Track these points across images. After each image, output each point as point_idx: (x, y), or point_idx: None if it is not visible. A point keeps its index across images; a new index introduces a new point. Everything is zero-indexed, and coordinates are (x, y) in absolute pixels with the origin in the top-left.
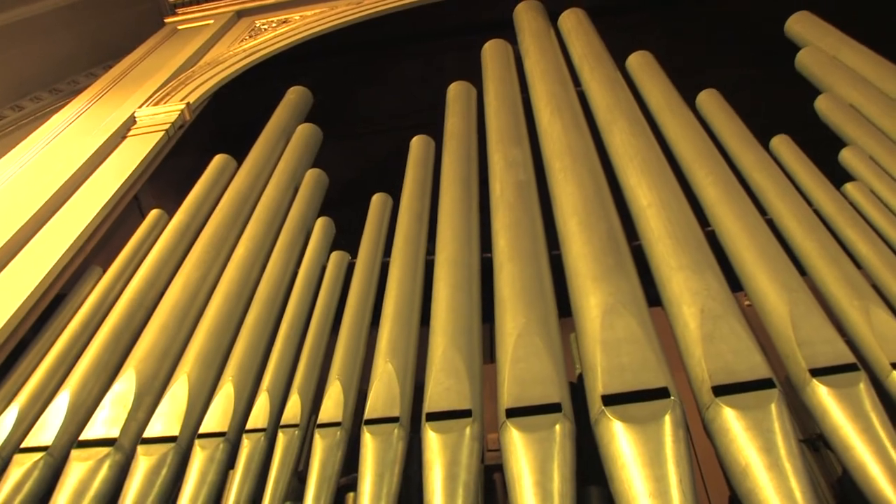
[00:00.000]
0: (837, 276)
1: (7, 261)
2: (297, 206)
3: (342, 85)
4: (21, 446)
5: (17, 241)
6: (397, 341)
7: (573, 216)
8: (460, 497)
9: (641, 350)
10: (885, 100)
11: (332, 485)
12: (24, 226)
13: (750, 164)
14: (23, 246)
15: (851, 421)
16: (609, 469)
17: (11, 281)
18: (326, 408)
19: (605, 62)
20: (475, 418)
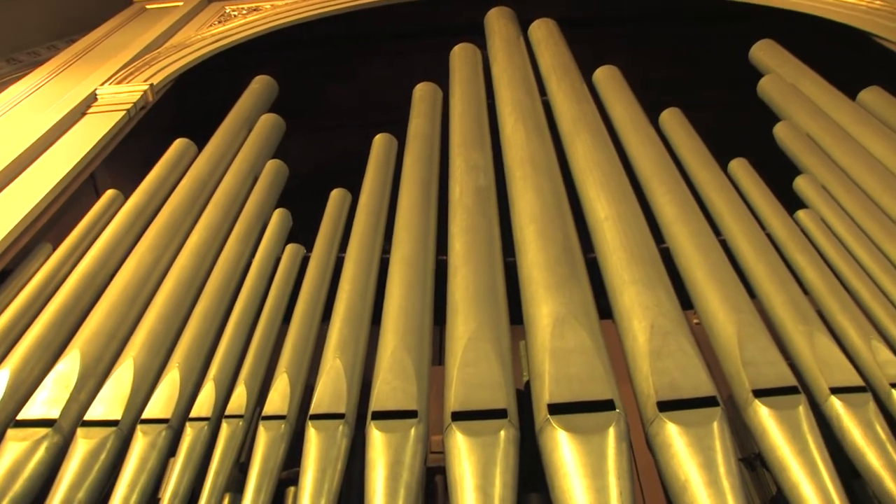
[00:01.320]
0: (785, 300)
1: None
2: (255, 196)
3: (309, 78)
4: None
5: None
6: (347, 338)
7: (530, 224)
8: (401, 497)
9: (590, 361)
10: (839, 131)
11: (274, 478)
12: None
13: (708, 185)
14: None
15: (789, 442)
16: (551, 477)
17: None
18: (272, 400)
19: (572, 74)
20: (421, 419)
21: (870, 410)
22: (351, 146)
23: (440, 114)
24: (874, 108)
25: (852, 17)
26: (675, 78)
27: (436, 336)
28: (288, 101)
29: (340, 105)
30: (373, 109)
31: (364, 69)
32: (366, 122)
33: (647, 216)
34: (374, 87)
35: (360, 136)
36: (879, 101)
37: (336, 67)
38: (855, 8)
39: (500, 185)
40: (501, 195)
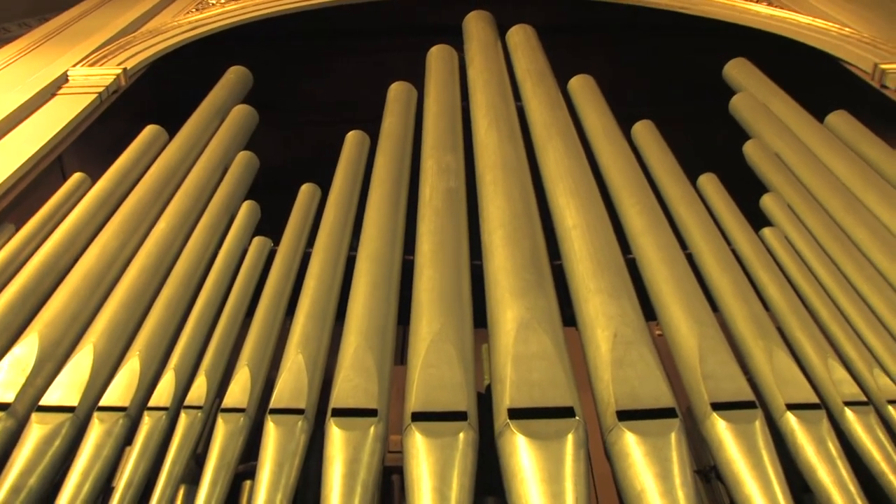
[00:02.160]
0: (747, 315)
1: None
2: (224, 187)
3: (285, 71)
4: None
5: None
6: (311, 333)
7: (499, 229)
8: (358, 495)
9: (552, 368)
10: (806, 152)
11: (231, 471)
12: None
13: (676, 198)
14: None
15: (744, 456)
16: (508, 482)
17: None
18: (232, 393)
19: (548, 81)
20: (380, 418)
21: (823, 427)
22: (323, 141)
23: (414, 114)
24: (840, 132)
25: (823, 41)
26: (649, 90)
27: (399, 336)
28: (262, 94)
29: (315, 100)
30: (347, 106)
31: (341, 65)
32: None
33: (615, 226)
34: (350, 83)
35: (333, 132)
36: (846, 125)
37: (313, 62)
38: (826, 33)
39: (471, 189)
40: (471, 198)
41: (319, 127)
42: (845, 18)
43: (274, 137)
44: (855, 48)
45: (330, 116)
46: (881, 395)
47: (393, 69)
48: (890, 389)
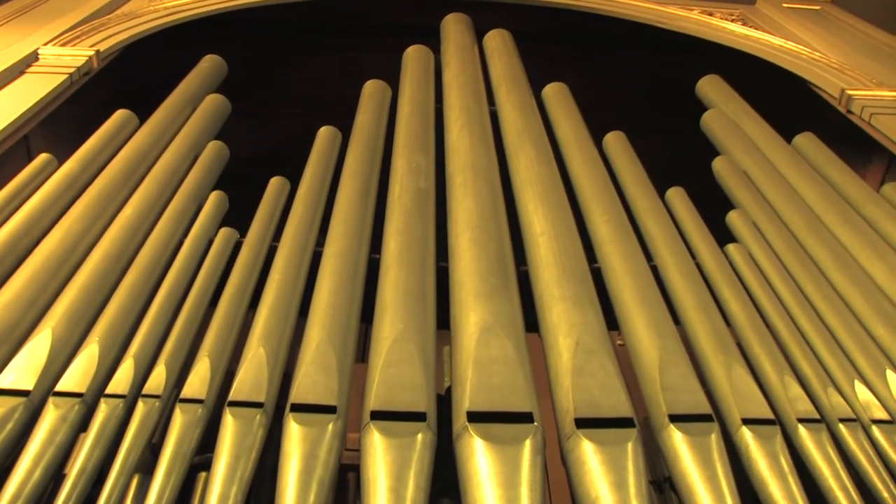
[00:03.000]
0: (708, 330)
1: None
2: (193, 176)
3: (260, 62)
4: None
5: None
6: (273, 327)
7: (466, 231)
8: (313, 492)
9: (512, 373)
10: (773, 172)
11: (186, 462)
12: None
13: (644, 210)
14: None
15: (699, 468)
16: (464, 484)
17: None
18: (191, 383)
19: (522, 86)
20: (339, 415)
21: (777, 443)
22: (295, 135)
23: (387, 113)
24: (807, 153)
25: (794, 63)
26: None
27: (362, 333)
28: (236, 84)
29: (289, 93)
30: (321, 101)
31: (317, 60)
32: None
33: (582, 235)
34: (326, 79)
35: (305, 127)
36: (812, 147)
37: (289, 55)
38: (797, 56)
39: (441, 190)
40: (440, 200)
41: (292, 120)
42: (816, 43)
43: (246, 128)
44: (824, 73)
45: (303, 110)
46: (833, 414)
47: (369, 67)
48: (842, 408)
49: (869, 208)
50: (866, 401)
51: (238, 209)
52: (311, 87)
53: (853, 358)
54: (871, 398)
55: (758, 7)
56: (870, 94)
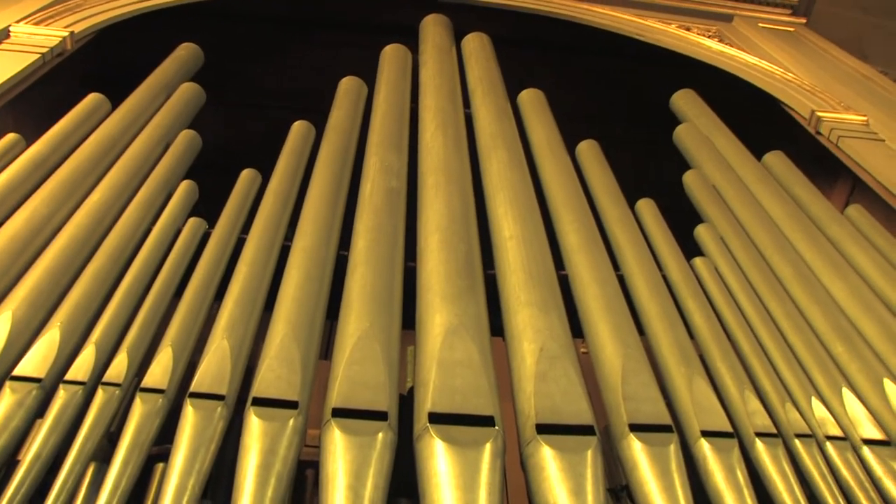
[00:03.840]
0: (671, 341)
1: None
2: (164, 164)
3: (237, 53)
4: None
5: None
6: (238, 320)
7: (436, 232)
8: (271, 487)
9: (476, 376)
10: (742, 188)
11: (144, 452)
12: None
13: (614, 220)
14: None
15: (656, 478)
16: (422, 486)
17: None
18: (153, 373)
19: (498, 90)
20: (301, 411)
21: (734, 456)
22: (269, 128)
23: (362, 110)
24: (776, 171)
25: (767, 82)
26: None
27: (327, 330)
28: (212, 74)
29: (265, 86)
30: (297, 95)
31: (295, 54)
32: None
33: (551, 241)
34: (302, 73)
35: (279, 120)
36: (781, 165)
37: (267, 47)
38: (770, 75)
39: (412, 190)
40: (411, 200)
41: (267, 113)
42: (789, 64)
43: (220, 119)
44: (796, 93)
45: (278, 104)
46: (790, 429)
47: (346, 63)
48: (799, 424)
49: (833, 229)
50: (822, 417)
51: (208, 200)
52: (288, 80)
53: (811, 375)
54: (827, 415)
55: (734, 25)
56: (838, 117)
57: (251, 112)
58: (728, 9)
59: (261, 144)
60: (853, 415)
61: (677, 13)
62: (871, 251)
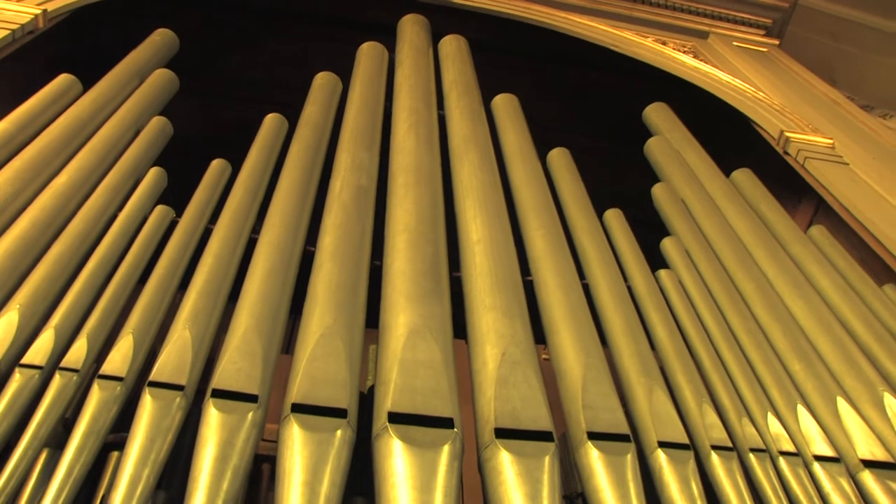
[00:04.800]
0: (633, 352)
1: None
2: (133, 149)
3: (214, 42)
4: None
5: None
6: (201, 310)
7: (403, 232)
8: (227, 479)
9: (437, 377)
10: (710, 203)
11: (100, 440)
12: None
13: (581, 228)
14: None
15: (612, 486)
16: (379, 485)
17: None
18: (112, 360)
19: (473, 94)
20: (260, 405)
21: (689, 468)
22: (242, 119)
23: (336, 106)
24: (743, 189)
25: (738, 100)
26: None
27: (290, 325)
28: (187, 61)
29: (241, 77)
30: (273, 88)
31: (272, 46)
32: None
33: (518, 247)
34: (278, 66)
35: (252, 112)
36: (748, 183)
37: (244, 38)
38: (742, 94)
39: (382, 189)
40: (381, 199)
41: (241, 104)
42: (761, 83)
43: (193, 107)
44: (766, 112)
45: (253, 95)
46: (745, 443)
47: (323, 59)
48: (754, 438)
49: (796, 248)
50: (777, 433)
51: (177, 188)
52: (264, 72)
53: (768, 391)
54: (782, 431)
55: (710, 42)
56: (806, 139)
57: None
58: (704, 26)
59: (233, 135)
60: (806, 431)
61: (654, 27)
62: (831, 272)
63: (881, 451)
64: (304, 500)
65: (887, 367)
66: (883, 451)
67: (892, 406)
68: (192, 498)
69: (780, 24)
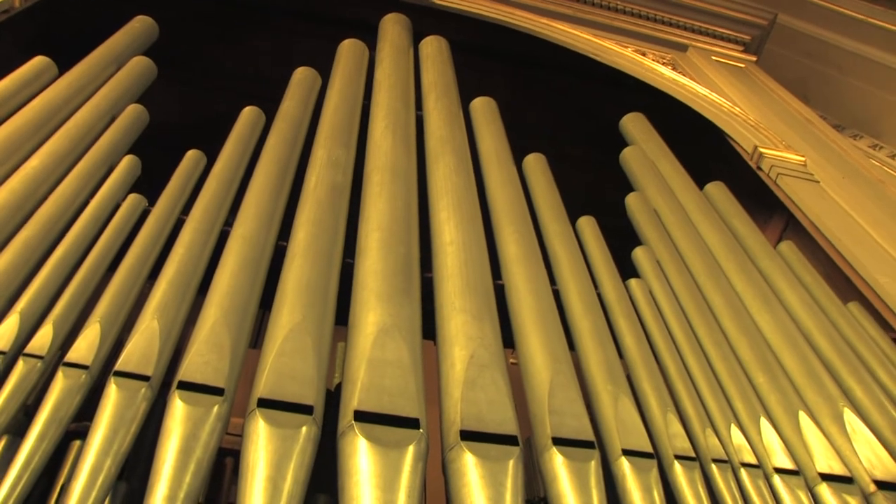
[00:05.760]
0: (600, 359)
1: None
2: (108, 136)
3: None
4: None
5: None
6: (170, 301)
7: (376, 231)
8: (190, 472)
9: (405, 377)
10: (682, 214)
11: (62, 428)
12: None
13: (554, 234)
14: None
15: (575, 493)
16: (342, 483)
17: None
18: (78, 348)
19: (452, 95)
20: (226, 398)
21: (652, 476)
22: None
23: (314, 102)
24: (715, 202)
25: (714, 114)
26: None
27: (259, 319)
28: (167, 50)
29: (220, 69)
30: (252, 81)
31: (252, 39)
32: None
33: (490, 250)
34: (259, 59)
35: (231, 104)
36: (721, 196)
37: (224, 30)
38: (718, 108)
39: (357, 187)
40: (355, 197)
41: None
42: (737, 98)
43: (170, 96)
44: (741, 127)
45: (232, 88)
46: (708, 454)
47: (303, 54)
48: (717, 449)
49: (765, 262)
50: (739, 444)
51: (151, 177)
52: (244, 65)
53: (733, 402)
54: (744, 442)
55: (689, 55)
56: (779, 155)
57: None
58: (684, 39)
59: (209, 126)
60: (768, 444)
61: (635, 37)
62: (798, 287)
63: (839, 465)
64: (267, 495)
65: (848, 383)
66: (841, 465)
67: (852, 421)
68: (154, 490)
69: (759, 41)
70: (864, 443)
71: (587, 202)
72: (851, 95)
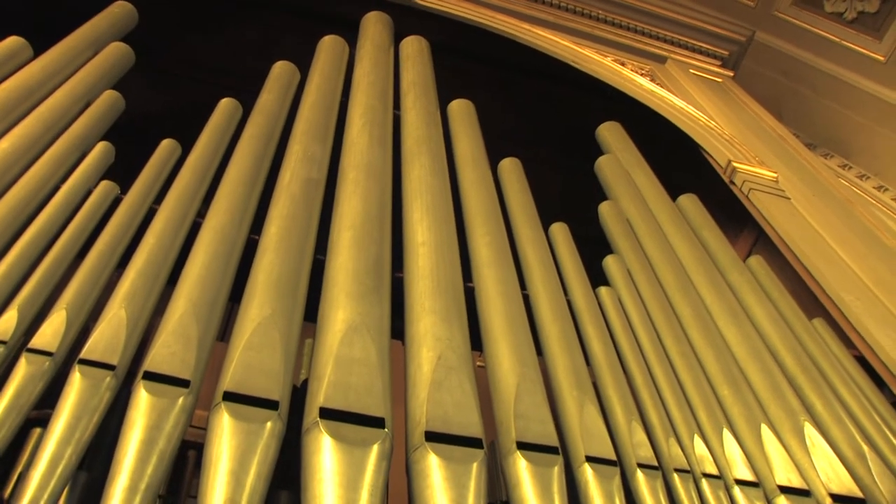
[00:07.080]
0: (567, 365)
1: None
2: (82, 121)
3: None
4: None
5: None
6: (139, 291)
7: (349, 229)
8: (152, 464)
9: (371, 376)
10: (654, 225)
11: (22, 415)
12: None
13: (527, 240)
14: None
15: (538, 497)
16: (305, 479)
17: None
18: (43, 334)
19: (430, 96)
20: (192, 390)
21: (614, 483)
22: (196, 102)
23: (292, 97)
24: (688, 214)
25: (690, 126)
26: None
27: (227, 312)
28: (146, 38)
29: (198, 58)
30: (229, 73)
31: (232, 32)
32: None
33: (462, 252)
34: (239, 51)
35: (208, 95)
36: (693, 208)
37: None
38: (695, 120)
39: (331, 184)
40: (329, 194)
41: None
42: (713, 112)
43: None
44: (715, 141)
45: (211, 79)
46: (671, 463)
47: (283, 48)
48: (679, 459)
49: (734, 276)
50: (701, 455)
51: (124, 165)
52: (223, 56)
53: (697, 413)
54: (706, 453)
55: (667, 67)
56: (751, 170)
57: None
58: (663, 51)
59: (185, 116)
60: (730, 455)
61: (615, 47)
62: (765, 302)
63: (798, 478)
64: (230, 489)
65: (810, 398)
66: (799, 478)
67: (812, 436)
68: (115, 480)
69: (736, 56)
70: (823, 457)
71: (561, 208)
72: (824, 115)
